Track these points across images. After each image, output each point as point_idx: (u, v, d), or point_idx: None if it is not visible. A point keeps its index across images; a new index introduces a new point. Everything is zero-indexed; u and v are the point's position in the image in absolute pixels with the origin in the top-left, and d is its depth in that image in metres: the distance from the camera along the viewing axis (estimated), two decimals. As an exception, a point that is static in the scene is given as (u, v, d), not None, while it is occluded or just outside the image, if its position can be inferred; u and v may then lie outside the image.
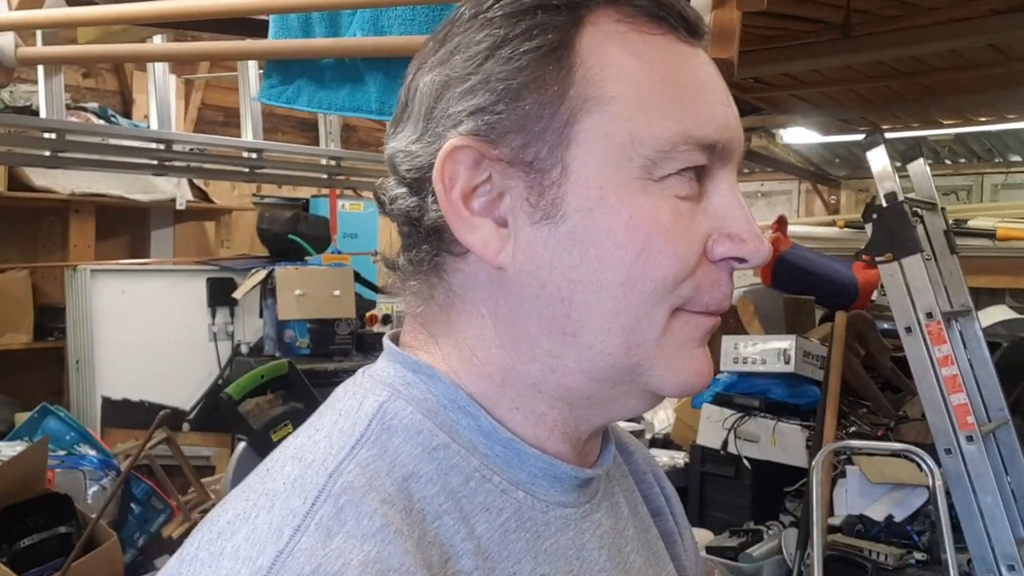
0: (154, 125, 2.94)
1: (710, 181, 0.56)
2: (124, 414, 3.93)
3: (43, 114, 2.58)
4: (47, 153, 2.76)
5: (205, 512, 3.41)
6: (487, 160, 0.55)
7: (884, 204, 2.30)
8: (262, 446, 2.55)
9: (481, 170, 0.55)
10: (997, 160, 4.28)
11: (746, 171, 5.26)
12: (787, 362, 2.85)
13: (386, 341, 0.62)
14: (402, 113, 0.59)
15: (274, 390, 2.68)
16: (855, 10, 2.19)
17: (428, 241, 0.58)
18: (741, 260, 0.56)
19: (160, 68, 2.92)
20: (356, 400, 0.57)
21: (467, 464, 0.55)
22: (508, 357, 0.57)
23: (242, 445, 2.65)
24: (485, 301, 0.57)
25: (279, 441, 2.08)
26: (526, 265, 0.55)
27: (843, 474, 2.67)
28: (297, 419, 2.63)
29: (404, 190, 0.58)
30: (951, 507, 2.13)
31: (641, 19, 0.56)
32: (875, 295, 3.55)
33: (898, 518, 2.47)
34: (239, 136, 3.00)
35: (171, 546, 3.36)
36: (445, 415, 0.57)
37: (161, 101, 2.95)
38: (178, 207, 4.50)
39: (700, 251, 0.55)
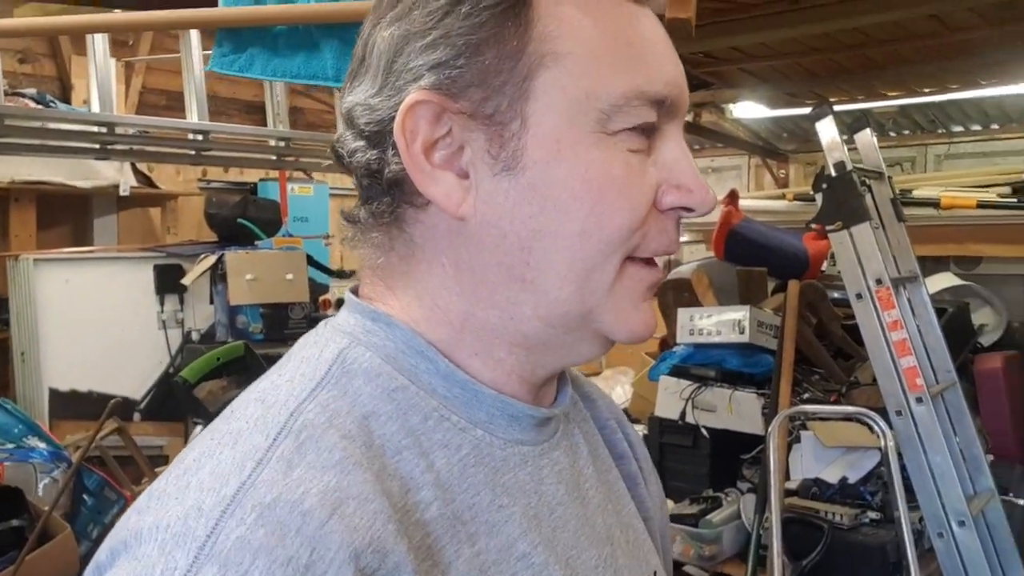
0: (95, 108, 2.86)
1: (659, 135, 0.59)
2: (72, 405, 3.85)
3: (-22, 99, 2.49)
4: (-16, 139, 2.67)
5: (161, 502, 3.36)
6: (448, 113, 0.56)
7: (833, 174, 2.33)
8: (219, 429, 2.50)
9: (442, 123, 0.57)
10: (940, 131, 4.37)
11: (696, 147, 5.30)
12: (742, 332, 2.89)
13: (347, 293, 0.64)
14: (359, 67, 0.60)
15: (230, 373, 2.64)
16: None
17: (389, 193, 0.59)
18: (688, 210, 0.59)
19: (100, 50, 2.83)
20: (317, 348, 0.59)
21: (426, 404, 0.58)
22: (468, 304, 0.59)
23: (198, 429, 2.61)
24: (446, 251, 0.59)
25: (237, 423, 2.03)
26: (487, 215, 0.57)
27: (798, 439, 2.72)
28: (254, 402, 2.58)
29: (363, 143, 0.59)
30: (903, 467, 2.18)
31: None
32: (825, 265, 3.61)
33: (852, 480, 2.52)
34: (183, 119, 2.94)
35: (127, 537, 3.31)
36: (404, 360, 0.59)
37: (102, 83, 2.86)
38: (121, 193, 4.40)
39: (650, 201, 0.58)
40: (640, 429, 3.23)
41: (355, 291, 0.65)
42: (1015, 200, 3.70)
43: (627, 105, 0.56)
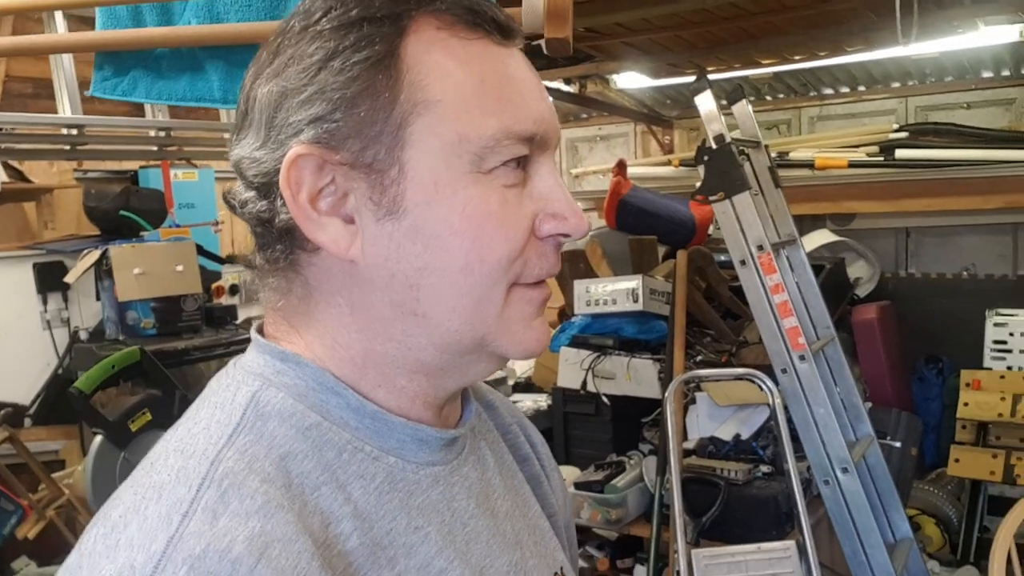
0: (-43, 105, 2.70)
1: (532, 167, 0.62)
2: (-44, 415, 3.66)
3: None
4: None
5: (60, 509, 3.26)
6: (329, 164, 0.59)
7: (713, 146, 2.42)
8: (120, 437, 2.45)
9: (324, 173, 0.59)
10: (812, 94, 4.56)
11: (584, 116, 5.38)
12: (636, 301, 2.99)
13: (253, 333, 0.66)
14: (243, 121, 0.62)
15: (127, 379, 2.57)
16: (676, -40, 2.28)
17: (281, 241, 0.62)
18: (565, 235, 0.63)
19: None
20: (230, 392, 0.61)
21: (339, 438, 0.61)
22: (367, 340, 0.62)
23: (99, 439, 2.53)
24: (341, 291, 0.62)
25: (138, 431, 2.04)
26: (375, 257, 0.60)
27: (694, 401, 2.84)
28: (155, 406, 2.54)
29: (253, 194, 0.62)
30: (790, 421, 2.31)
31: (459, 25, 0.60)
32: (711, 230, 3.75)
33: (744, 436, 2.66)
34: (53, 108, 2.80)
35: (28, 546, 3.20)
36: (315, 397, 0.61)
37: (-38, 77, 2.70)
38: (-8, 190, 4.17)
39: (528, 231, 0.62)
40: (544, 399, 3.32)
41: (260, 330, 0.66)
42: (883, 159, 3.92)
43: (498, 145, 0.59)
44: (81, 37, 1.34)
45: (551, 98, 0.68)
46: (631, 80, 4.30)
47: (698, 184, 2.45)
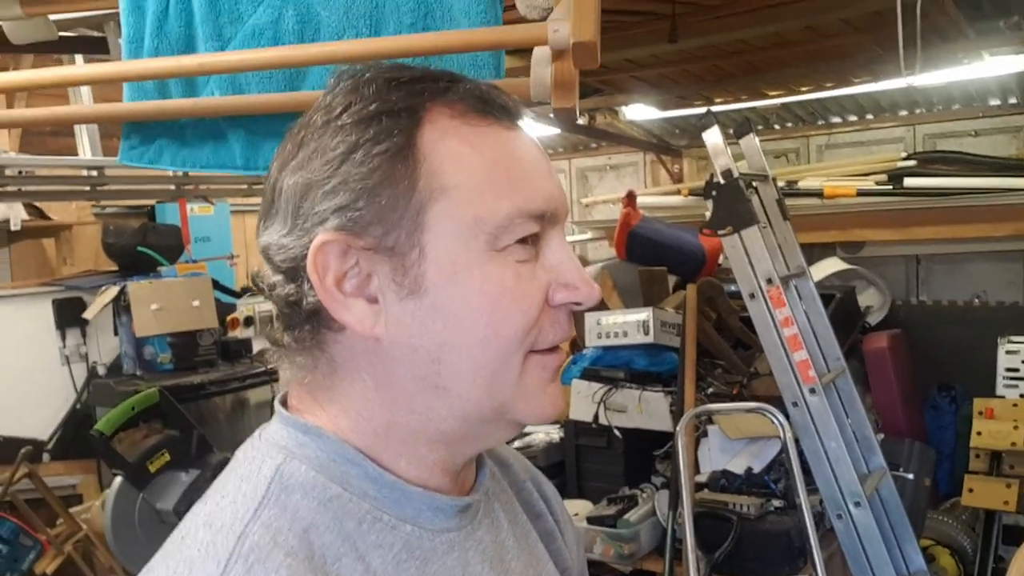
0: (-21, 146, 2.77)
1: (543, 241, 0.66)
2: (-24, 451, 3.70)
3: None
4: None
5: (78, 544, 3.29)
6: (353, 249, 0.62)
7: (721, 181, 2.45)
8: (139, 478, 2.49)
9: (349, 257, 0.63)
10: (820, 122, 4.60)
11: (593, 145, 5.43)
12: (646, 333, 3.01)
13: (277, 406, 0.69)
14: (269, 209, 0.66)
15: (146, 420, 2.61)
16: (680, 2, 2.32)
17: (309, 321, 0.65)
18: (577, 304, 0.67)
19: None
20: (255, 464, 0.64)
21: (359, 509, 0.64)
22: (390, 413, 0.65)
23: (119, 480, 2.57)
24: (365, 367, 0.65)
25: (157, 472, 2.08)
26: (398, 335, 0.63)
27: (705, 434, 2.85)
28: (173, 446, 2.58)
29: (281, 277, 0.65)
30: (801, 454, 2.32)
31: (470, 113, 0.64)
32: (721, 259, 3.77)
33: (756, 469, 2.67)
34: (72, 146, 2.86)
35: (46, 584, 3.22)
36: (336, 468, 0.65)
37: (-16, 120, 2.76)
38: (12, 228, 4.23)
39: (542, 302, 0.65)
40: (557, 431, 3.33)
41: (284, 401, 0.70)
42: (891, 187, 3.94)
43: (511, 224, 0.63)
44: (110, 108, 1.40)
45: (559, 129, 0.73)
46: (640, 112, 4.35)
47: (707, 215, 2.47)
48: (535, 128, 4.12)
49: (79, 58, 2.27)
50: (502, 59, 1.18)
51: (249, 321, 4.77)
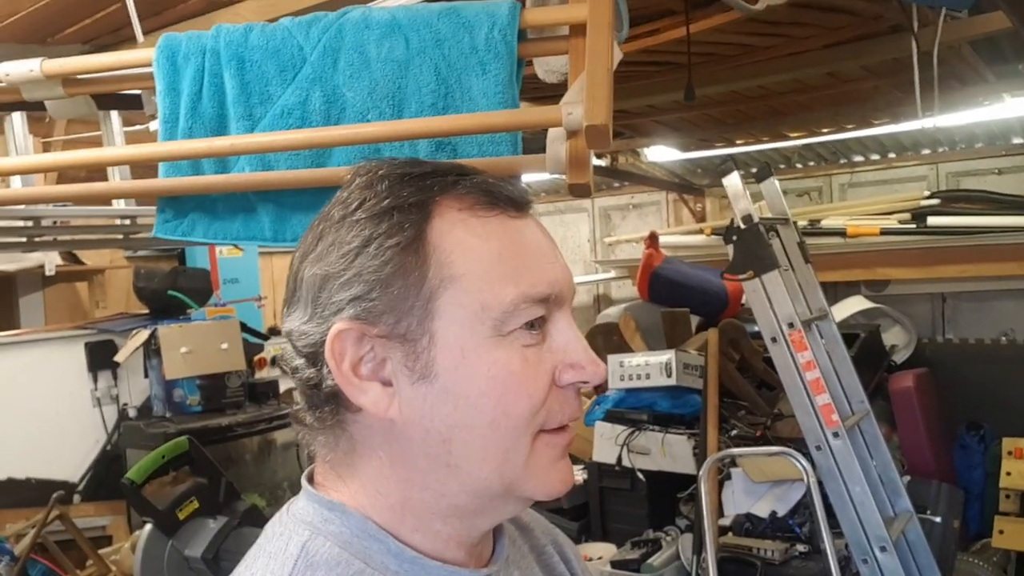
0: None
1: (550, 323, 0.69)
2: (9, 493, 3.77)
3: None
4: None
5: (107, 585, 3.32)
6: (368, 336, 0.66)
7: (742, 226, 2.47)
8: (169, 526, 2.54)
9: (364, 344, 0.66)
10: (842, 161, 4.61)
11: (616, 184, 5.47)
12: (669, 375, 3.02)
13: (304, 482, 0.73)
14: (292, 297, 0.70)
15: (176, 468, 2.67)
16: (696, 53, 2.36)
17: (329, 403, 0.69)
18: (584, 382, 0.69)
19: (20, 131, 2.81)
20: (283, 541, 0.68)
21: None
22: (405, 489, 0.69)
23: (148, 527, 2.62)
24: (381, 446, 0.68)
25: (186, 519, 2.12)
26: (411, 416, 0.66)
27: (729, 476, 2.85)
28: (201, 495, 2.63)
29: (303, 361, 0.69)
30: (826, 497, 2.31)
31: (478, 206, 0.68)
32: (744, 300, 3.77)
33: (781, 512, 2.66)
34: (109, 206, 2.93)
35: (75, 626, 3.25)
36: (359, 544, 0.68)
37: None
38: (47, 273, 4.34)
39: (549, 383, 0.68)
40: (579, 471, 3.34)
41: (310, 477, 0.73)
42: (915, 226, 3.94)
43: (516, 309, 0.66)
44: (146, 185, 1.46)
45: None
46: (661, 153, 4.39)
47: (729, 259, 2.49)
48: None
49: (114, 115, 2.35)
50: (519, 137, 1.23)
51: (276, 361, 4.83)
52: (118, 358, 3.94)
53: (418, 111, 1.17)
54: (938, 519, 2.84)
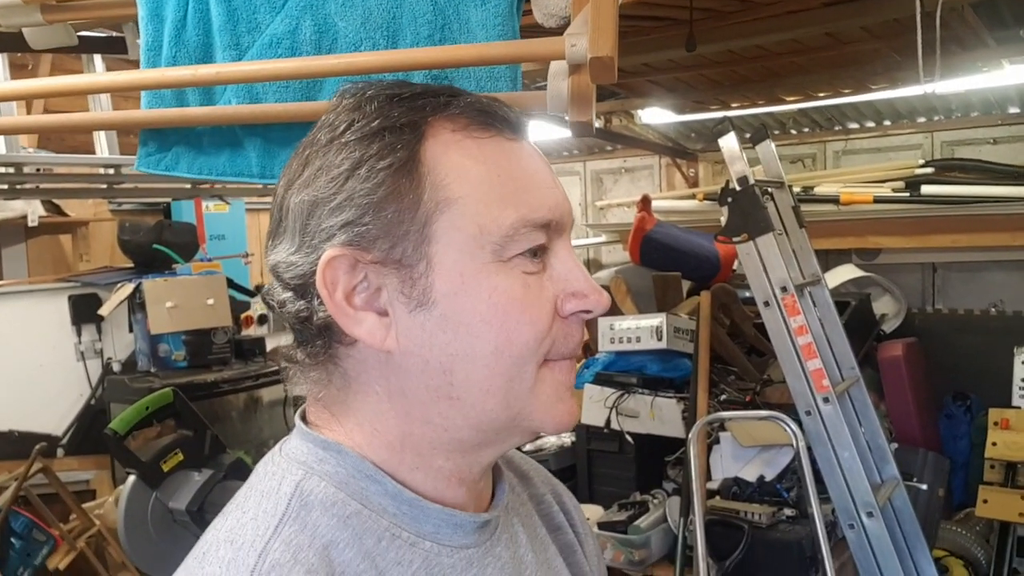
0: (0, 146, 2.78)
1: (551, 251, 0.66)
2: (-8, 446, 3.74)
3: None
4: None
5: (90, 539, 3.31)
6: (361, 263, 0.63)
7: (737, 188, 2.44)
8: (153, 478, 2.51)
9: (357, 271, 0.63)
10: (837, 128, 4.57)
11: (608, 148, 5.42)
12: (660, 338, 3.00)
13: (297, 420, 0.70)
14: (277, 228, 0.67)
15: (160, 420, 2.63)
16: (698, 8, 2.31)
17: (320, 336, 0.65)
18: (587, 311, 0.67)
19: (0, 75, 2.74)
20: (276, 480, 0.65)
21: (378, 526, 0.64)
22: (404, 424, 0.65)
23: (132, 479, 2.59)
24: (378, 380, 0.65)
25: (170, 471, 2.09)
26: (409, 346, 0.63)
27: (717, 440, 2.84)
28: (186, 447, 2.60)
29: (290, 294, 0.66)
30: (814, 463, 2.31)
31: (472, 126, 0.65)
32: (736, 265, 3.75)
33: (768, 477, 2.66)
34: (89, 144, 2.87)
35: (58, 578, 3.25)
36: (355, 485, 0.65)
37: (4, 114, 2.77)
38: (30, 224, 4.26)
39: (552, 312, 0.65)
40: (568, 436, 3.33)
41: (303, 416, 0.70)
42: (908, 195, 3.91)
43: (517, 234, 0.63)
44: (128, 115, 1.41)
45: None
46: (656, 115, 4.34)
47: (723, 222, 2.46)
48: (549, 130, 4.12)
49: (98, 58, 2.28)
50: (519, 72, 1.18)
51: (263, 319, 4.80)
52: (102, 312, 3.89)
53: (413, 43, 1.12)
54: (924, 486, 2.85)
